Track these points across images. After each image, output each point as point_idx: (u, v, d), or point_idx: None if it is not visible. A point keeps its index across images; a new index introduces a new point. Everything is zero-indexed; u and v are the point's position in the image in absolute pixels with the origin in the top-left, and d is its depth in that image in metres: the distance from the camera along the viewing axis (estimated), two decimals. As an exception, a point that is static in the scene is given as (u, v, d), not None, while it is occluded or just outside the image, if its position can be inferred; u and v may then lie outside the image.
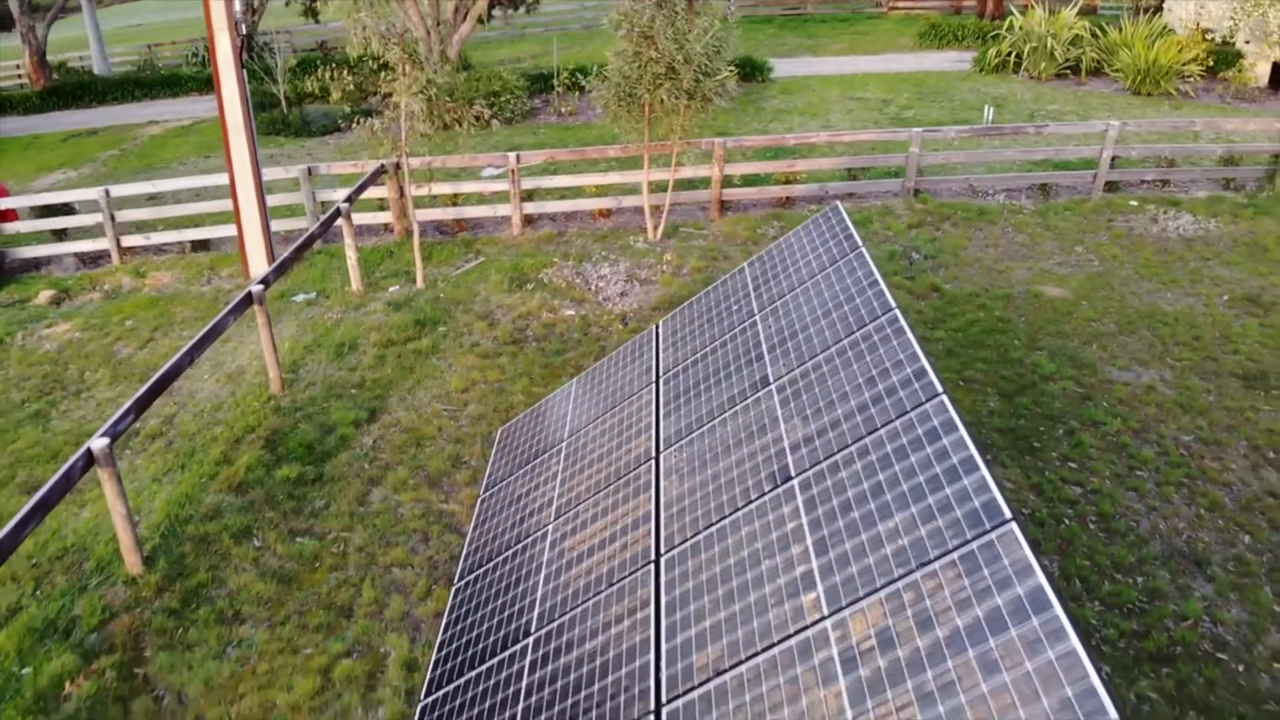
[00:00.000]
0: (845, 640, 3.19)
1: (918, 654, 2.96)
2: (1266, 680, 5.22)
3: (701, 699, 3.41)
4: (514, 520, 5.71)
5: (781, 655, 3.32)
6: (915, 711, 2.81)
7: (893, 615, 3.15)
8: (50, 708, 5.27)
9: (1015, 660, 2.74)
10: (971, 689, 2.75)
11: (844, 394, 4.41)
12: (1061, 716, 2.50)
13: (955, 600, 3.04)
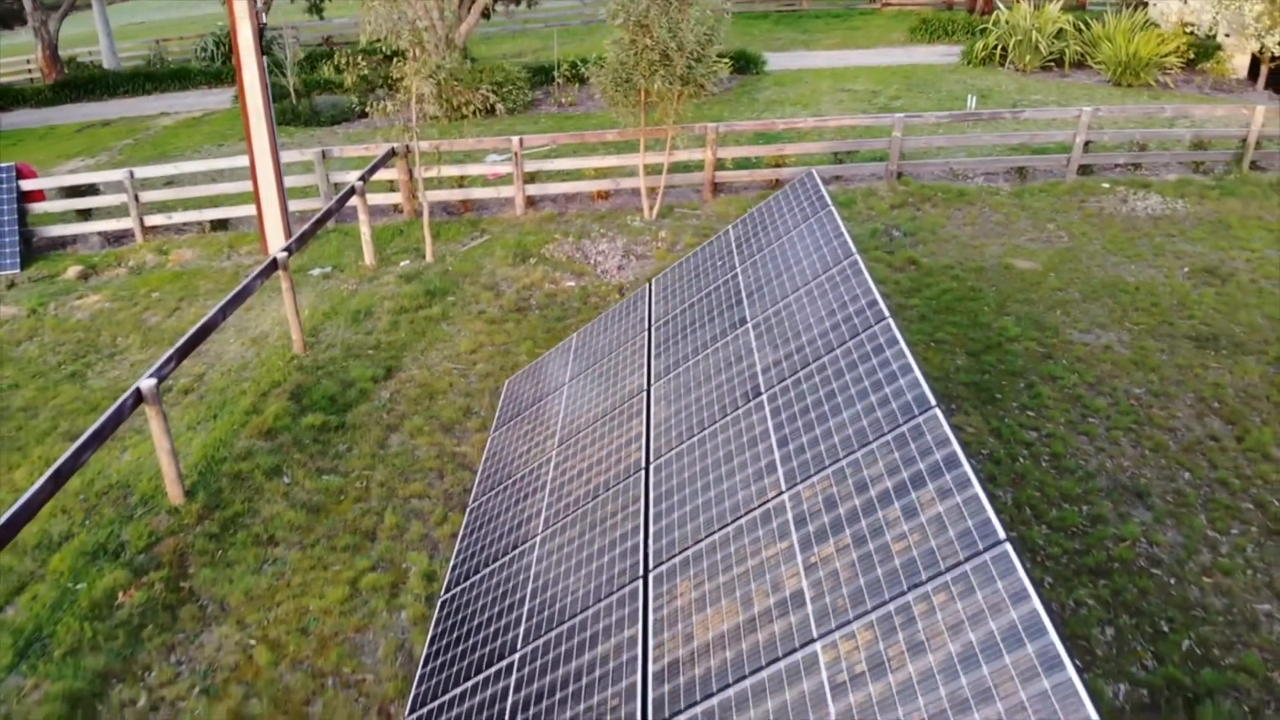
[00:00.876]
0: (798, 507, 3.85)
1: (855, 511, 3.62)
2: (1195, 591, 5.87)
3: (681, 563, 4.06)
4: (521, 451, 6.37)
5: (747, 523, 3.98)
6: (851, 552, 3.47)
7: (836, 485, 3.80)
8: (105, 615, 5.92)
9: (929, 506, 3.39)
10: (894, 528, 3.41)
11: (809, 324, 5.06)
12: (957, 530, 3.16)
13: (886, 470, 3.70)
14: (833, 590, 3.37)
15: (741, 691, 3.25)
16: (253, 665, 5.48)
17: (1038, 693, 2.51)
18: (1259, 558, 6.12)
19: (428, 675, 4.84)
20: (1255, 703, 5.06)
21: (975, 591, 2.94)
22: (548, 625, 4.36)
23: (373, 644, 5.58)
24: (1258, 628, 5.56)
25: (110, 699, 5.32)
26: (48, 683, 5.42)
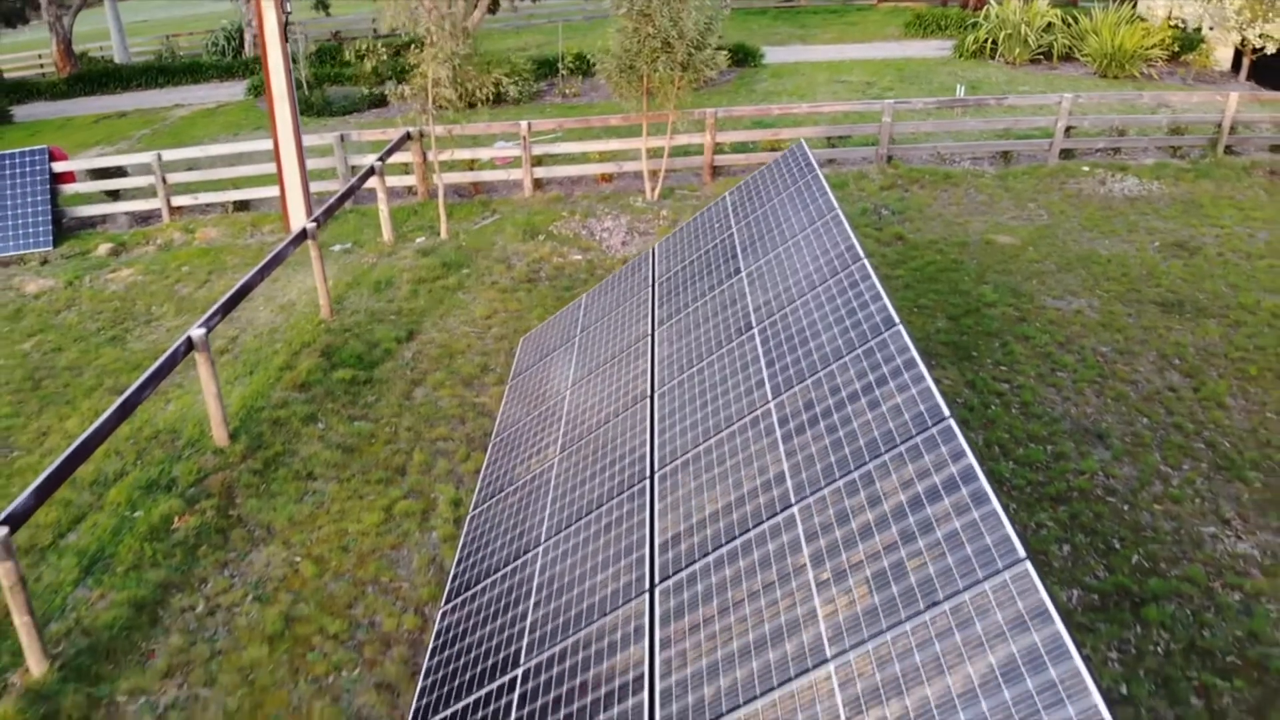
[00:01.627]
0: (782, 410, 4.50)
1: (829, 409, 4.27)
2: (1146, 516, 6.52)
3: (682, 464, 4.71)
4: (538, 394, 7.02)
5: (739, 426, 4.63)
6: (825, 440, 4.11)
7: (814, 391, 4.46)
8: (162, 537, 6.57)
9: (892, 406, 4.04)
10: (860, 417, 4.06)
11: (795, 269, 5.71)
12: (900, 419, 3.81)
13: (856, 375, 4.34)
14: (808, 468, 4.02)
15: (733, 550, 3.90)
16: (299, 577, 6.13)
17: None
18: (1207, 489, 6.77)
19: (461, 562, 5.50)
20: (1196, 606, 5.71)
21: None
22: (567, 523, 5.00)
23: (407, 558, 6.23)
24: (1202, 546, 6.21)
25: (170, 605, 5.97)
26: (113, 592, 6.07)
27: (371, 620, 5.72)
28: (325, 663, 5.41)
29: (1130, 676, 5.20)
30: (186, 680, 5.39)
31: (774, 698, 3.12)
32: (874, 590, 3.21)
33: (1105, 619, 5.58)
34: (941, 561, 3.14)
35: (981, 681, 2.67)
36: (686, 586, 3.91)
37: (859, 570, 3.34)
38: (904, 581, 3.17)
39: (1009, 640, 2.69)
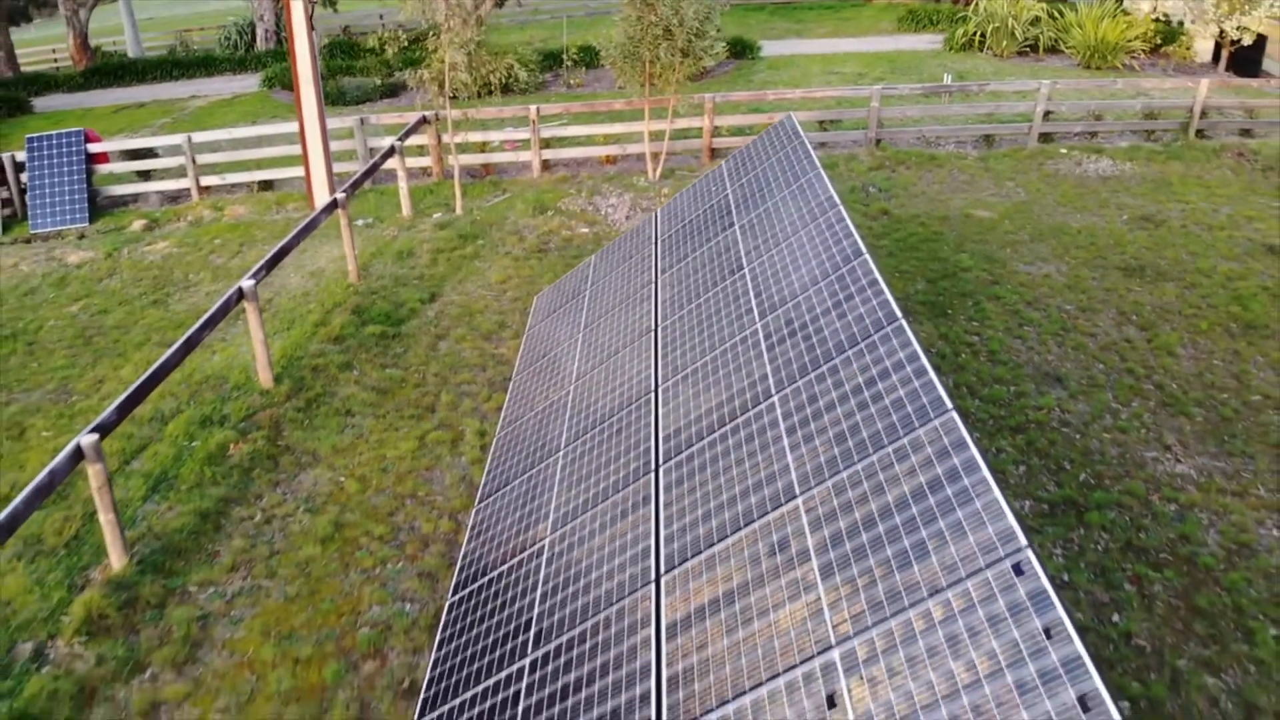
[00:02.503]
0: (767, 328, 5.31)
1: (805, 323, 5.07)
2: (1096, 443, 7.32)
3: (682, 378, 5.51)
4: (553, 339, 7.82)
5: (729, 345, 5.43)
6: (801, 347, 4.91)
7: (794, 312, 5.26)
8: (219, 462, 7.37)
9: (856, 316, 4.84)
10: (831, 330, 4.86)
11: (781, 219, 6.51)
12: (870, 322, 4.61)
13: (828, 293, 5.15)
14: (786, 369, 4.83)
15: (723, 433, 4.70)
16: (344, 492, 6.93)
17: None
18: (1152, 421, 7.57)
19: (490, 470, 6.30)
20: (1134, 514, 6.51)
21: (873, 355, 4.38)
22: (583, 432, 5.81)
23: (440, 477, 7.04)
24: (1144, 466, 7.02)
25: (231, 515, 6.77)
26: (179, 506, 6.87)
27: (411, 525, 6.53)
28: (372, 558, 6.22)
29: (1072, 567, 6.01)
30: (250, 573, 6.19)
31: (754, 528, 3.93)
32: (834, 443, 4.02)
33: (1053, 523, 6.39)
34: (887, 419, 3.95)
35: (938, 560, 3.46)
36: (685, 463, 4.71)
37: (823, 432, 4.15)
38: (858, 436, 3.98)
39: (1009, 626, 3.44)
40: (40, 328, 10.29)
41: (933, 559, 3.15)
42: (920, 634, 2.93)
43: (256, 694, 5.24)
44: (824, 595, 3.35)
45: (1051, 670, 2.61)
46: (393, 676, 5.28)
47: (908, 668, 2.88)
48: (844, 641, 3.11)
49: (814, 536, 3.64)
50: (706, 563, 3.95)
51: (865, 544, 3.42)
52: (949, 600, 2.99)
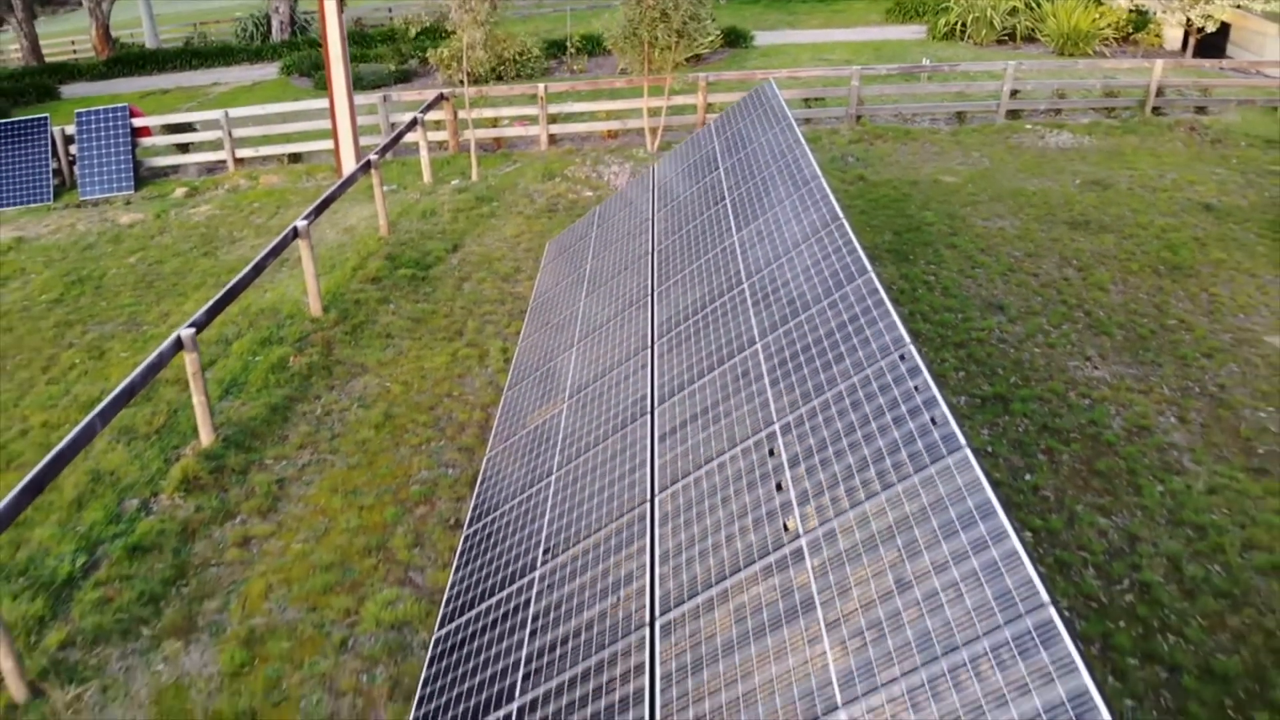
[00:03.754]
0: (742, 239, 6.57)
1: (787, 247, 6.34)
2: (1027, 355, 8.58)
3: (672, 284, 6.78)
4: (564, 272, 9.09)
5: (710, 259, 6.70)
6: (777, 254, 6.18)
7: (774, 236, 6.53)
8: (280, 371, 8.64)
9: (824, 248, 6.11)
10: (800, 272, 6.14)
11: (757, 162, 7.78)
12: (837, 265, 5.88)
13: (799, 206, 6.42)
14: (769, 316, 6.10)
15: (712, 377, 5.97)
16: (390, 393, 8.21)
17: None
18: (1078, 339, 8.84)
19: (516, 366, 7.57)
20: (1052, 406, 7.77)
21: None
22: (591, 331, 7.07)
23: (470, 382, 8.31)
24: (1066, 372, 8.29)
25: (295, 409, 8.04)
26: (251, 402, 8.14)
27: (449, 415, 7.80)
28: (418, 438, 7.50)
29: (995, 443, 7.28)
30: (316, 450, 7.47)
31: (735, 452, 5.19)
32: (808, 381, 5.29)
33: (983, 412, 7.67)
34: (850, 347, 5.21)
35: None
36: (676, 336, 5.98)
37: (799, 371, 5.41)
38: (813, 370, 5.24)
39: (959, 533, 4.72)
40: (104, 274, 11.56)
41: (882, 449, 4.42)
42: (857, 480, 4.21)
43: (330, 530, 6.52)
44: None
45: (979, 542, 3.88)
46: (440, 516, 6.56)
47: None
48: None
49: (784, 437, 4.90)
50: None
51: (830, 450, 4.69)
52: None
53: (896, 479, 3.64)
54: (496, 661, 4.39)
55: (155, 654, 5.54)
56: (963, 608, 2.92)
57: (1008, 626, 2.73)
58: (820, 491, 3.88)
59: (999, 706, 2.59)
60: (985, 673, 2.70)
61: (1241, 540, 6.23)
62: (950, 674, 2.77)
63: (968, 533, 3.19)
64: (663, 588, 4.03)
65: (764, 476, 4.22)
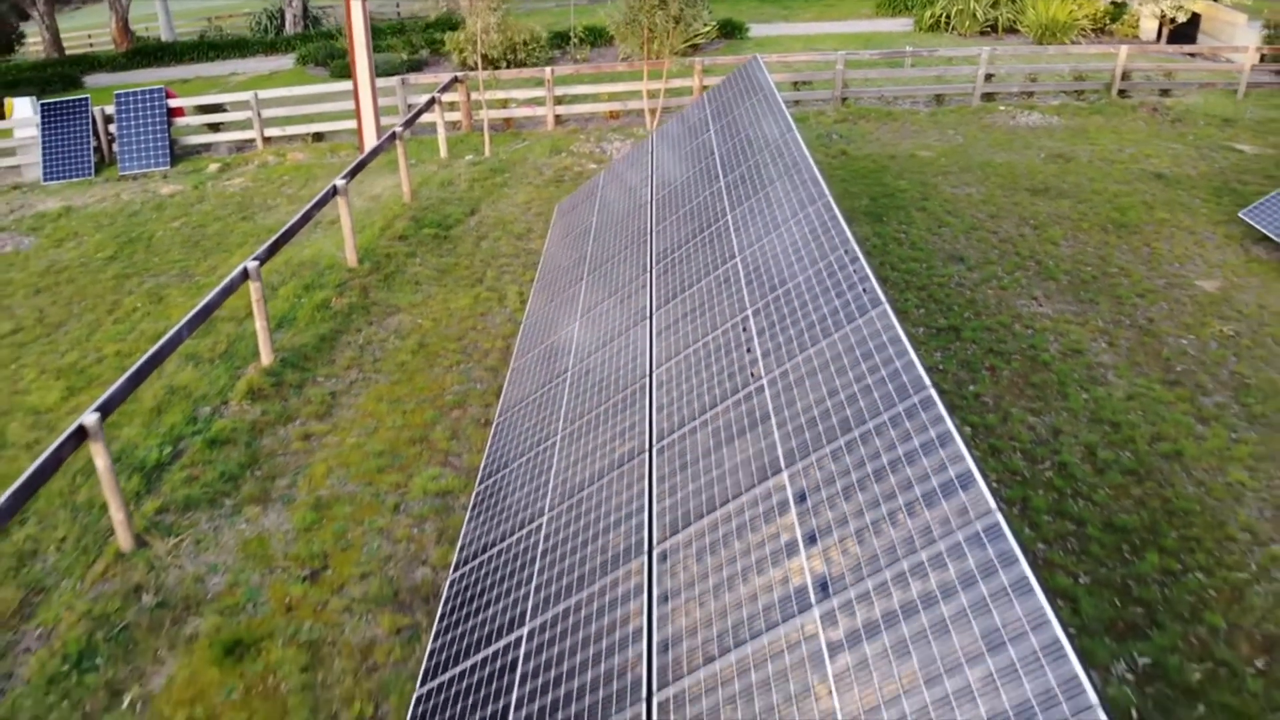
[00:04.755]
0: (728, 182, 7.73)
1: (761, 183, 7.50)
2: (981, 296, 9.73)
3: (669, 223, 7.94)
4: (573, 224, 10.25)
5: (701, 200, 7.86)
6: (761, 203, 7.34)
7: (756, 192, 7.69)
8: (324, 309, 9.79)
9: (805, 217, 7.26)
10: (777, 197, 7.30)
11: (744, 125, 8.94)
12: (805, 197, 7.05)
13: (777, 175, 7.57)
14: (749, 222, 7.25)
15: (705, 347, 7.13)
16: (422, 328, 9.36)
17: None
18: (1027, 283, 10.00)
19: (532, 298, 8.73)
20: (998, 334, 8.92)
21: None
22: (598, 266, 8.22)
23: (492, 318, 9.47)
24: (1014, 309, 9.44)
25: (340, 340, 9.20)
26: (300, 334, 9.29)
27: (475, 343, 8.96)
28: (449, 360, 8.65)
29: (946, 362, 8.44)
30: (361, 370, 8.63)
31: (728, 403, 6.34)
32: (781, 332, 6.45)
33: (937, 339, 8.83)
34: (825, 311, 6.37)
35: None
36: (669, 264, 7.13)
37: (785, 331, 6.57)
38: (796, 327, 6.41)
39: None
40: (153, 236, 12.72)
41: (852, 385, 5.58)
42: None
43: (378, 428, 7.67)
44: (757, 346, 5.77)
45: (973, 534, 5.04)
46: (472, 417, 7.72)
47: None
48: (769, 374, 5.53)
49: (770, 390, 6.06)
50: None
51: (805, 379, 5.85)
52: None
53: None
54: (520, 522, 5.53)
55: (238, 517, 6.70)
56: (922, 520, 4.00)
57: (960, 531, 3.77)
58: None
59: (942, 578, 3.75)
60: (941, 569, 3.85)
61: (1150, 434, 7.40)
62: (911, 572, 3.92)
63: (912, 420, 4.35)
64: (658, 425, 5.18)
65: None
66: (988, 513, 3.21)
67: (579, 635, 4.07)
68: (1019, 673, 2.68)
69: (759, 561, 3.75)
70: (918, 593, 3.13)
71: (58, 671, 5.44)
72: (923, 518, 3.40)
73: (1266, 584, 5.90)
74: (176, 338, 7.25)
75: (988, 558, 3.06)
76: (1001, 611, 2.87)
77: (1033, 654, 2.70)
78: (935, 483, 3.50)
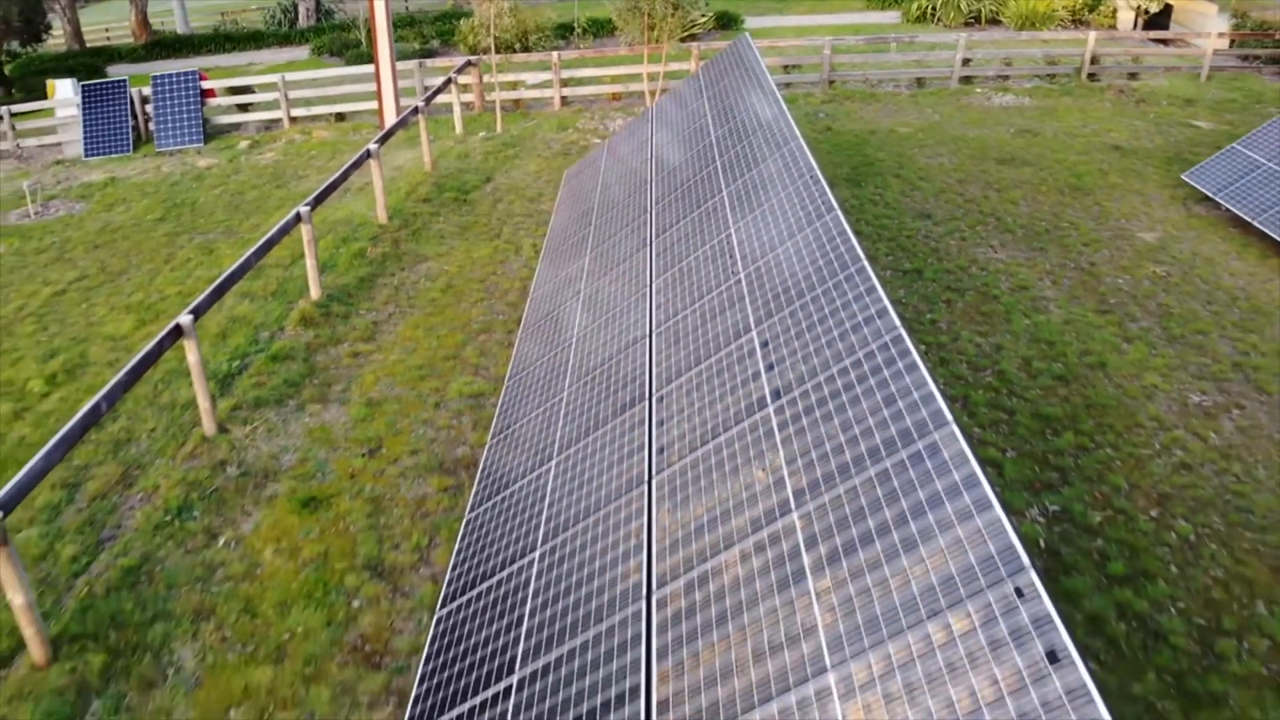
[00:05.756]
0: (720, 141, 8.95)
1: (749, 148, 8.71)
2: (943, 245, 10.93)
3: (666, 173, 9.15)
4: (581, 185, 11.46)
5: (693, 157, 9.07)
6: (749, 163, 8.55)
7: (743, 134, 8.90)
8: (361, 257, 11.00)
9: (789, 189, 8.48)
10: (769, 178, 8.51)
11: (731, 96, 10.15)
12: (786, 162, 8.27)
13: (766, 125, 8.79)
14: (743, 200, 8.47)
15: (694, 260, 8.34)
16: (448, 272, 10.57)
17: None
18: (986, 235, 11.20)
19: (546, 247, 9.93)
20: (956, 275, 10.11)
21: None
22: (605, 223, 9.42)
23: (509, 265, 10.68)
24: (972, 255, 10.65)
25: (376, 281, 10.40)
26: (341, 276, 10.50)
27: (496, 284, 10.17)
28: (474, 297, 9.87)
29: (909, 297, 9.64)
30: (398, 305, 9.84)
31: (719, 362, 7.55)
32: (767, 293, 7.66)
33: (902, 279, 10.04)
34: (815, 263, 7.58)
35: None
36: (668, 198, 8.34)
37: (770, 283, 7.78)
38: (784, 285, 7.62)
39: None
40: (196, 201, 13.93)
41: (832, 330, 6.78)
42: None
43: (417, 349, 8.88)
44: (748, 307, 6.98)
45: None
46: (497, 340, 8.94)
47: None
48: (758, 327, 6.74)
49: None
50: (673, 231, 7.59)
51: (789, 318, 7.05)
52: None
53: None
54: (547, 396, 6.72)
55: (301, 412, 7.91)
56: (908, 478, 5.25)
57: (921, 445, 5.03)
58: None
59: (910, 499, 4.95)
60: (888, 479, 5.05)
61: (1080, 350, 8.61)
62: (877, 479, 5.12)
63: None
64: (657, 371, 6.39)
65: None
66: (924, 385, 4.42)
67: (596, 458, 5.28)
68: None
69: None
70: (867, 454, 4.35)
71: (161, 521, 6.65)
72: (862, 367, 4.61)
73: (1166, 458, 7.11)
74: (247, 263, 8.46)
75: (922, 418, 4.26)
76: (940, 475, 4.08)
77: (966, 510, 3.90)
78: (873, 346, 4.71)
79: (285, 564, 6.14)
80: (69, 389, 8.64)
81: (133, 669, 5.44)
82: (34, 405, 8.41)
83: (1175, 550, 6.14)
